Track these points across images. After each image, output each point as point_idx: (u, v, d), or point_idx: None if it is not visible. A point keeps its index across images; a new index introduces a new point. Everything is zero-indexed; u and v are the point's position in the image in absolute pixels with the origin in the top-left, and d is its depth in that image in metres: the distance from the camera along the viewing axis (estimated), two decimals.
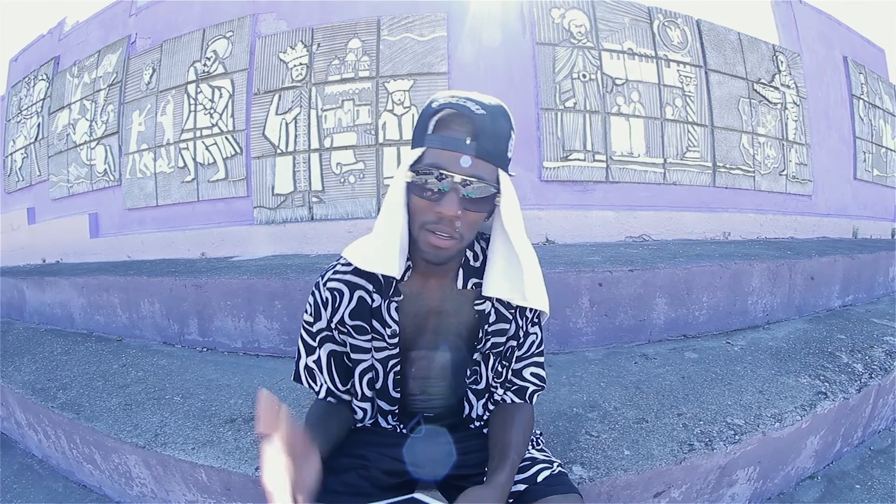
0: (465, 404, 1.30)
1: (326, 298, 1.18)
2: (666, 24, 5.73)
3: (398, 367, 1.24)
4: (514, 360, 1.27)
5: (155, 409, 2.30)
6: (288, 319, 3.14)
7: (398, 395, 1.27)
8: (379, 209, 4.97)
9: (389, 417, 1.32)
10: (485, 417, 1.33)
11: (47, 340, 3.76)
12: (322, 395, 1.26)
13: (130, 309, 3.76)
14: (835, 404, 2.17)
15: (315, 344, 1.23)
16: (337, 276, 1.18)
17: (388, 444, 1.28)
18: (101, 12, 6.94)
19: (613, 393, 2.29)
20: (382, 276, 1.15)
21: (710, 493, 1.85)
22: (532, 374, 1.28)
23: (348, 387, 1.27)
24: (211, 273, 3.67)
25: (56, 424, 2.40)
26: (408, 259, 1.14)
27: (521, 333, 1.25)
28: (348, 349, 1.23)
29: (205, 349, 3.38)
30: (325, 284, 1.19)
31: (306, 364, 1.25)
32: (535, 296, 1.14)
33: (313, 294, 1.21)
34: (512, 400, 1.28)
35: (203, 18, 5.93)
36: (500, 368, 1.28)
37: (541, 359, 1.30)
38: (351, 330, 1.19)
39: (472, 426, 1.34)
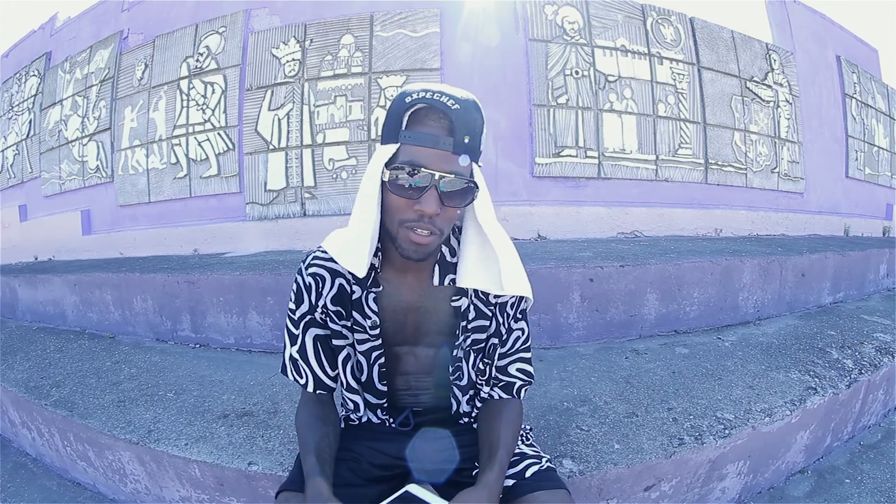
0: (452, 400, 1.30)
1: (309, 283, 1.19)
2: (659, 21, 5.74)
3: (382, 360, 1.24)
4: (496, 357, 1.26)
5: (148, 405, 2.29)
6: (280, 315, 3.14)
7: (385, 389, 1.27)
8: None
9: (379, 412, 1.32)
10: (472, 413, 1.33)
11: (40, 338, 3.74)
12: (311, 388, 1.24)
13: (123, 306, 3.75)
14: (825, 399, 2.19)
15: (298, 332, 1.23)
16: (318, 262, 1.19)
17: (378, 439, 1.29)
18: (93, 7, 6.88)
19: (604, 387, 2.30)
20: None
21: (700, 487, 1.87)
22: (518, 370, 1.28)
23: (335, 373, 1.26)
24: (203, 269, 3.66)
25: (49, 422, 2.40)
26: (378, 252, 1.15)
27: (503, 330, 1.25)
28: (331, 333, 1.23)
29: (197, 345, 3.38)
30: (306, 270, 1.19)
31: (291, 355, 1.24)
32: (512, 283, 1.14)
33: (296, 280, 1.21)
34: (499, 396, 1.28)
35: (196, 14, 5.89)
36: (481, 366, 1.28)
37: (527, 354, 1.29)
38: (332, 314, 1.20)
39: (461, 421, 1.34)
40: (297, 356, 1.23)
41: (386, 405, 1.30)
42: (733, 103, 6.11)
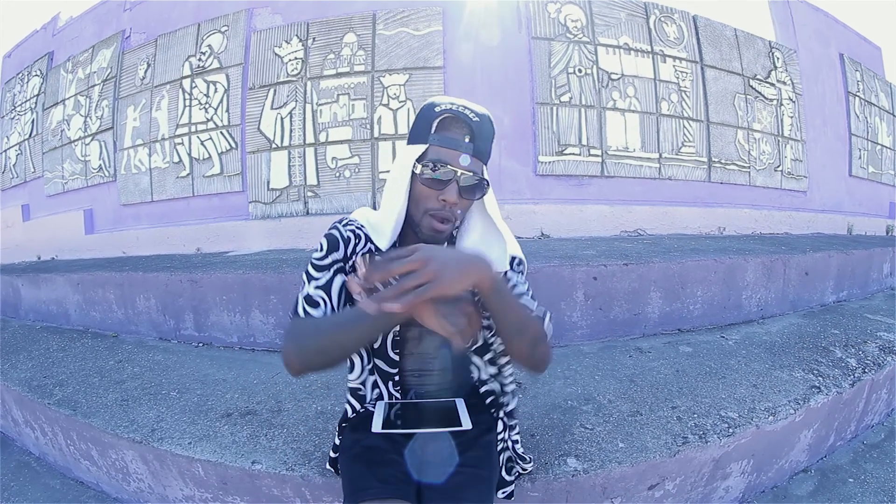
0: (473, 368, 1.41)
1: (348, 237, 1.27)
2: (662, 19, 5.73)
3: (397, 328, 1.32)
4: None
5: (151, 404, 2.30)
6: (283, 313, 3.14)
7: (397, 358, 1.35)
8: (374, 204, 5.00)
9: (391, 385, 1.37)
10: (487, 382, 1.41)
11: (43, 337, 3.75)
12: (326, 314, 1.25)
13: (126, 305, 3.76)
14: (828, 398, 2.18)
15: (323, 273, 1.23)
16: (355, 224, 1.31)
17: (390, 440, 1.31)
18: (95, 7, 6.90)
19: (608, 386, 2.30)
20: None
21: (704, 486, 1.86)
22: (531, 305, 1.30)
23: None
24: (206, 268, 3.66)
25: (53, 421, 2.40)
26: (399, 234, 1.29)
27: None
28: None
29: (201, 344, 3.38)
30: (346, 226, 1.29)
31: (308, 294, 1.22)
32: (505, 261, 1.28)
33: (331, 234, 1.27)
34: None
35: (198, 13, 5.90)
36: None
37: (533, 302, 1.30)
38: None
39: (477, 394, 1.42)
40: (316, 291, 1.22)
41: (398, 377, 1.36)
42: (736, 101, 6.10)
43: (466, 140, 1.19)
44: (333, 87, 5.25)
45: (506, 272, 1.31)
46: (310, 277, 1.24)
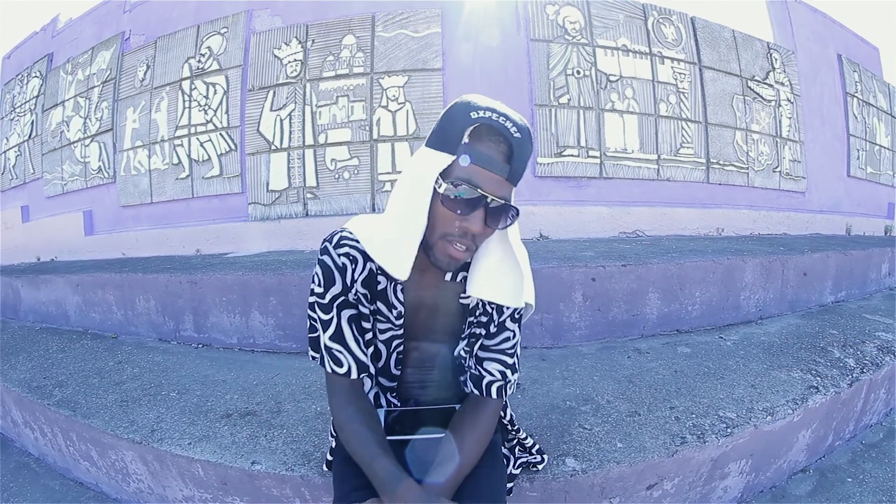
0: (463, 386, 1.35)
1: (343, 264, 1.13)
2: (660, 20, 5.74)
3: (401, 349, 1.27)
4: (478, 347, 1.25)
5: (151, 405, 2.30)
6: (283, 315, 3.15)
7: (399, 373, 1.31)
8: (373, 205, 5.01)
9: (389, 394, 1.35)
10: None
11: (43, 338, 3.75)
12: (354, 374, 1.16)
13: (125, 306, 3.76)
14: (826, 398, 2.19)
15: (331, 315, 1.15)
16: (348, 242, 1.14)
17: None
18: (95, 9, 6.91)
19: (606, 386, 2.30)
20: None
21: (702, 486, 1.87)
22: (495, 369, 1.23)
23: (371, 352, 1.23)
24: (206, 269, 3.66)
25: (52, 422, 2.40)
26: None
27: (494, 326, 1.23)
28: (360, 314, 1.19)
29: (200, 345, 3.38)
30: (338, 250, 1.14)
31: (325, 344, 1.16)
32: (525, 295, 1.17)
33: (323, 262, 1.14)
34: (471, 389, 1.25)
35: (197, 14, 5.91)
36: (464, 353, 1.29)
37: (510, 360, 1.25)
38: (361, 297, 1.17)
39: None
40: (332, 343, 1.15)
41: (396, 389, 1.34)
42: (735, 102, 6.11)
43: (502, 160, 0.99)
44: (333, 89, 5.26)
45: (503, 310, 1.22)
46: (321, 322, 1.17)
